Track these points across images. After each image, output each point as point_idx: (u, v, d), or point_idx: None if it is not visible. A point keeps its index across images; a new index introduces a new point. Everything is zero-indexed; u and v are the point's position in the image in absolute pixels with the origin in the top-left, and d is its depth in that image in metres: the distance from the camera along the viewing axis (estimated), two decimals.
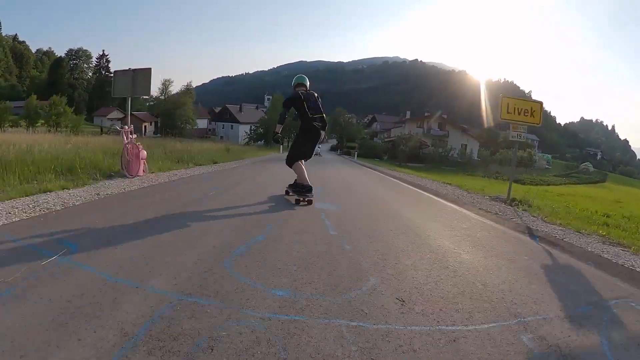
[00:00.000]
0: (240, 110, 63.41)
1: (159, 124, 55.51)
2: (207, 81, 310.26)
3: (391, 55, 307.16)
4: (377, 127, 65.72)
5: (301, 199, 5.28)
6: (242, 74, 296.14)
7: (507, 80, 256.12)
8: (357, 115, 73.34)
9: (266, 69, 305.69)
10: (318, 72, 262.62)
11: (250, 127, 50.88)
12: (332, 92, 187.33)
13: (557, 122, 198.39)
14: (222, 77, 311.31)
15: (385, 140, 43.73)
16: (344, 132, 56.28)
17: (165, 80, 68.92)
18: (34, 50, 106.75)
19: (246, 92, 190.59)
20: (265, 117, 47.44)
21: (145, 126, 59.19)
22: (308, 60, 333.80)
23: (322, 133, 5.63)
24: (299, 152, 5.58)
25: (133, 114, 61.98)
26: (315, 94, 5.51)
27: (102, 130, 63.60)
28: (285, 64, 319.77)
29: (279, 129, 5.54)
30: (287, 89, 6.76)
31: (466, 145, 51.73)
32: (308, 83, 5.61)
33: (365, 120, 79.99)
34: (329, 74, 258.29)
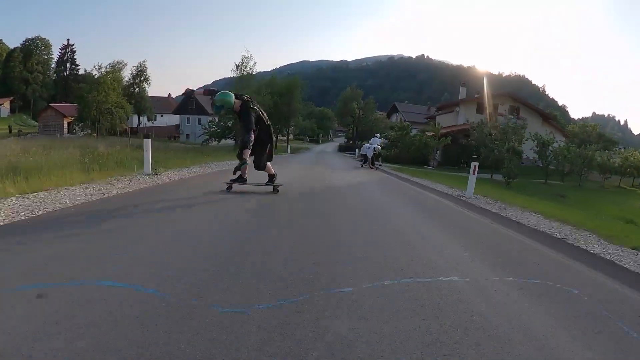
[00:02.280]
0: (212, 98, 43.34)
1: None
2: (209, 82, 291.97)
3: (395, 54, 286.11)
4: (400, 119, 45.27)
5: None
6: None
7: (519, 75, 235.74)
8: None
9: (268, 70, 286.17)
10: (321, 70, 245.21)
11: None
12: (337, 89, 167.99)
13: (571, 117, 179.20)
14: (224, 78, 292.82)
15: (442, 133, 23.20)
16: (359, 124, 36.28)
17: (116, 62, 49.74)
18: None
19: None
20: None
21: (68, 122, 39.58)
22: (311, 60, 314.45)
23: None
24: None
25: (51, 106, 42.16)
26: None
27: (10, 130, 44.46)
28: (287, 64, 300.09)
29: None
30: None
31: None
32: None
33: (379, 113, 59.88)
34: (332, 72, 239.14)
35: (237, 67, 25.97)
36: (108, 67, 34.07)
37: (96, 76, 32.87)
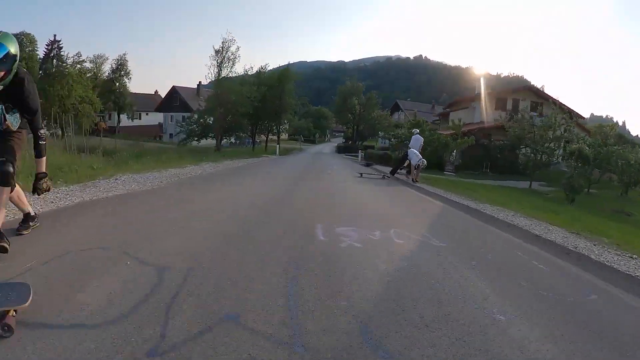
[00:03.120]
0: (198, 93, 39.02)
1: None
2: (205, 83, 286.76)
3: (393, 54, 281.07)
4: (403, 118, 41.02)
5: None
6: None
7: (518, 75, 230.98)
8: None
9: (266, 70, 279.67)
10: (319, 70, 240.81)
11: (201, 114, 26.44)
12: (335, 89, 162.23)
13: None
14: None
15: (464, 132, 18.60)
16: (359, 122, 31.84)
17: (97, 57, 45.35)
18: None
19: None
20: (213, 94, 22.87)
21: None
22: (309, 60, 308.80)
23: None
24: None
25: None
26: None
27: None
28: (285, 64, 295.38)
29: None
30: None
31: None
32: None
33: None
34: (330, 73, 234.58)
35: (217, 52, 21.42)
36: (75, 57, 29.55)
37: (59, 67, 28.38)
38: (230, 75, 21.85)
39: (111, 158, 13.78)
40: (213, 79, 21.52)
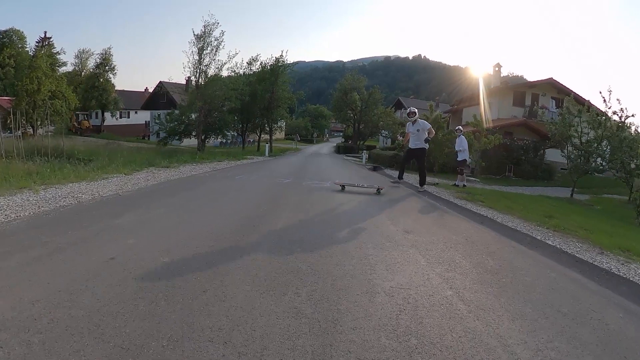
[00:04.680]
0: (187, 89, 35.80)
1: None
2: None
3: (392, 54, 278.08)
4: (430, 106, 37.76)
5: None
6: None
7: (518, 75, 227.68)
8: None
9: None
10: (317, 70, 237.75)
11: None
12: (333, 89, 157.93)
13: None
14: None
15: (488, 130, 15.63)
16: (362, 119, 28.77)
17: (81, 52, 42.31)
18: None
19: None
20: (197, 89, 19.78)
21: (10, 120, 31.74)
22: (307, 60, 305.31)
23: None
24: None
25: None
26: None
27: None
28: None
29: None
30: None
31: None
32: None
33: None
34: (329, 73, 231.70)
35: (198, 38, 18.34)
36: (48, 48, 26.46)
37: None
38: (212, 63, 18.79)
39: (48, 162, 10.93)
40: (192, 68, 18.47)
